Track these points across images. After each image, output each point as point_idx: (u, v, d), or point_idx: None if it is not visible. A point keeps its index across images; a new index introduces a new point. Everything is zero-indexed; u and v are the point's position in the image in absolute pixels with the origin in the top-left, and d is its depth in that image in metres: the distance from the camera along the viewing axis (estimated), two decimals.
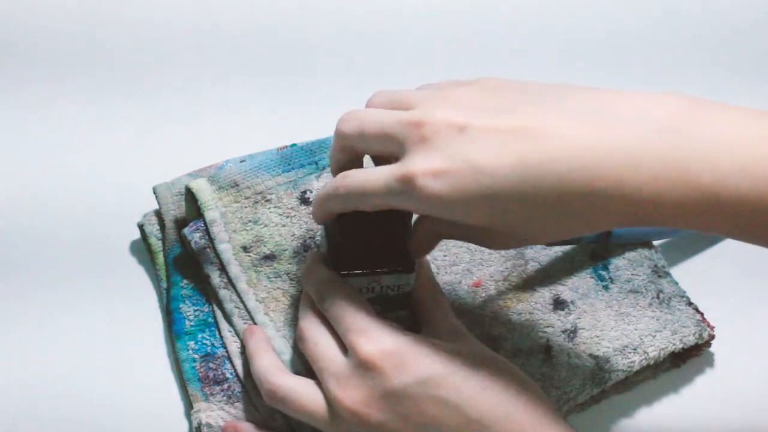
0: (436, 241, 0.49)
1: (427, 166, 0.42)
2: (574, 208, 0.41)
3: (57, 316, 0.58)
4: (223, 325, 0.55)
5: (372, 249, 0.49)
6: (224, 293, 0.55)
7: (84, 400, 0.55)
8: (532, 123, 0.41)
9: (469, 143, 0.41)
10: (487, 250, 0.58)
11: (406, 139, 0.43)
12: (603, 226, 0.42)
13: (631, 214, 0.41)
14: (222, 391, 0.54)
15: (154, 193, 0.59)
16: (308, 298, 0.51)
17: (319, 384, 0.48)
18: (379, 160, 0.50)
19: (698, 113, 0.40)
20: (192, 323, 0.56)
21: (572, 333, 0.56)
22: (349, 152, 0.47)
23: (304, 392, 0.48)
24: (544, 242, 0.49)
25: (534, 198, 0.41)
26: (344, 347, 0.47)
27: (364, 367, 0.45)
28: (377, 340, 0.46)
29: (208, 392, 0.54)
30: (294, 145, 0.60)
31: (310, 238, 0.56)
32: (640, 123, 0.40)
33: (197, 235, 0.56)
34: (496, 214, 0.42)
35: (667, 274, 0.59)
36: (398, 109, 0.45)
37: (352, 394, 0.45)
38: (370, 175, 0.45)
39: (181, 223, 0.58)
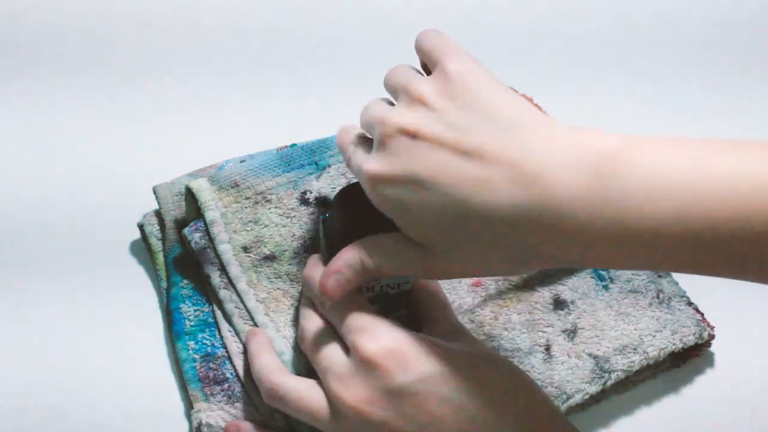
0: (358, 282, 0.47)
1: (379, 169, 0.44)
2: (506, 240, 0.42)
3: (57, 316, 0.58)
4: (224, 325, 0.55)
5: None
6: (224, 293, 0.55)
7: (84, 400, 0.55)
8: (481, 149, 0.42)
9: (417, 153, 0.43)
10: None
11: (374, 134, 0.46)
12: (533, 265, 0.43)
13: (562, 257, 0.42)
14: (222, 391, 0.53)
15: (154, 193, 0.59)
16: (309, 299, 0.51)
17: (320, 383, 0.48)
18: None
19: (632, 155, 0.40)
20: (192, 323, 0.56)
21: (572, 333, 0.56)
22: None
23: (305, 391, 0.48)
24: (477, 276, 0.50)
25: (464, 220, 0.42)
26: (346, 347, 0.48)
27: (366, 365, 0.45)
28: (379, 338, 0.46)
29: (209, 392, 0.53)
30: (294, 145, 0.60)
31: (310, 238, 0.56)
32: (579, 167, 0.40)
33: (197, 235, 0.56)
34: (427, 228, 0.43)
35: (668, 273, 0.59)
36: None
37: (354, 393, 0.45)
38: (356, 151, 0.47)
39: (181, 223, 0.58)
